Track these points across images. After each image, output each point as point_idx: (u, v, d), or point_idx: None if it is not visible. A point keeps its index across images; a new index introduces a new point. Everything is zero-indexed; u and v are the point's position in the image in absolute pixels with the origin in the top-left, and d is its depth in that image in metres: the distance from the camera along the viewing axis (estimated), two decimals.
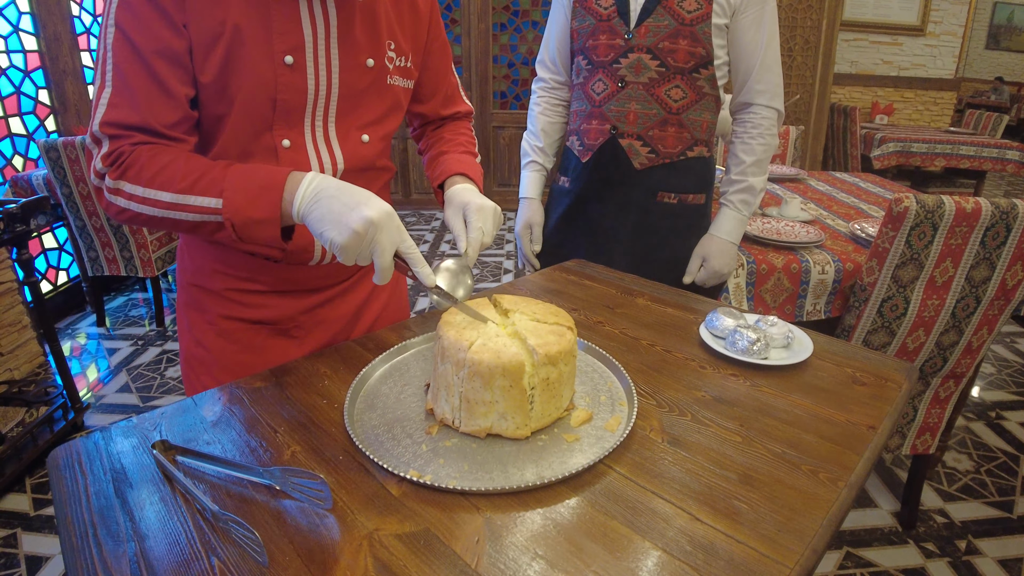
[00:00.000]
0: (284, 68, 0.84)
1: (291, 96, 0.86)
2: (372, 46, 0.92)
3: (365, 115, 0.95)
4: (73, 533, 0.60)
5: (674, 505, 0.63)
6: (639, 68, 1.38)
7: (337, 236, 0.72)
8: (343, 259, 0.74)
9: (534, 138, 1.63)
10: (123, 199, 0.78)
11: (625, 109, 1.42)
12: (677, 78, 1.38)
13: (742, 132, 1.44)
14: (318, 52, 0.86)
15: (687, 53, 1.35)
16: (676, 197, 1.47)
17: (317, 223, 0.74)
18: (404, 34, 0.97)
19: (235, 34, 0.79)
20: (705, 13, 1.32)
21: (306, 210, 0.75)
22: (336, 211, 0.73)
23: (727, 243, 1.46)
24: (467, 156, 1.10)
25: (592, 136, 1.48)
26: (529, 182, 1.63)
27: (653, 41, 1.35)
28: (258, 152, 0.87)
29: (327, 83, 0.88)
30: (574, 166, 1.54)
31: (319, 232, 0.74)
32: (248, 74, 0.82)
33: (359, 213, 0.72)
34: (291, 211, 0.76)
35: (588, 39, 1.43)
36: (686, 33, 1.34)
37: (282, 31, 0.82)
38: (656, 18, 1.34)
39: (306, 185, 0.76)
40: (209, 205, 0.76)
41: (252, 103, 0.83)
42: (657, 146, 1.43)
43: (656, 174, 1.45)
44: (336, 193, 0.75)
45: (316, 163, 0.91)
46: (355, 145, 0.95)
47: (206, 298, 0.99)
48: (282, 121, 0.87)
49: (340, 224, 0.72)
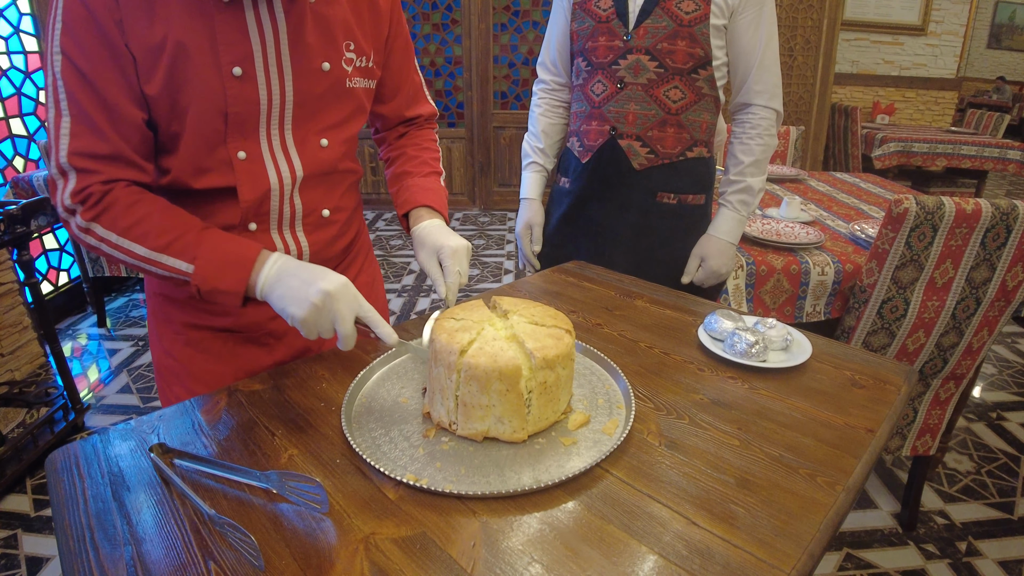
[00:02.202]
0: (233, 80, 0.82)
1: (242, 108, 0.84)
2: (327, 49, 0.90)
3: (324, 119, 0.93)
4: (70, 536, 0.60)
5: (671, 509, 0.63)
6: (638, 69, 1.38)
7: (297, 311, 0.75)
8: (305, 333, 0.77)
9: (535, 139, 1.63)
10: (94, 239, 0.79)
11: (624, 110, 1.42)
12: (676, 79, 1.38)
13: (740, 132, 1.44)
14: (268, 61, 0.84)
15: (686, 54, 1.35)
16: (676, 197, 1.47)
17: (279, 300, 0.78)
18: (364, 33, 0.95)
19: (178, 49, 0.78)
20: (703, 14, 1.32)
21: (268, 289, 0.79)
22: (295, 288, 0.77)
23: (725, 243, 1.46)
24: (432, 179, 1.09)
25: (592, 137, 1.48)
26: (530, 183, 1.64)
27: (652, 42, 1.36)
28: (214, 166, 0.86)
29: (280, 92, 0.86)
30: (574, 167, 1.54)
31: (280, 308, 0.78)
32: (196, 89, 0.80)
33: (316, 287, 0.75)
34: (255, 289, 0.79)
35: (587, 40, 1.43)
36: (684, 34, 1.34)
37: (228, 42, 0.80)
38: (655, 19, 1.34)
39: (270, 266, 0.80)
40: (180, 267, 0.79)
41: (203, 118, 0.82)
42: (656, 147, 1.43)
43: (655, 174, 1.46)
44: (295, 271, 0.79)
45: (274, 172, 0.90)
46: (314, 150, 0.93)
47: (172, 307, 0.98)
48: (236, 133, 0.85)
49: (299, 299, 0.76)
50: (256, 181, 0.89)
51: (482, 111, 5.09)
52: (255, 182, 0.89)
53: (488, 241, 4.51)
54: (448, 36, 4.93)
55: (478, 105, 5.07)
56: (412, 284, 3.68)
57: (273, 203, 0.92)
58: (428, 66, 5.01)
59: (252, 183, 0.88)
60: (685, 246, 1.52)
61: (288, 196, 0.93)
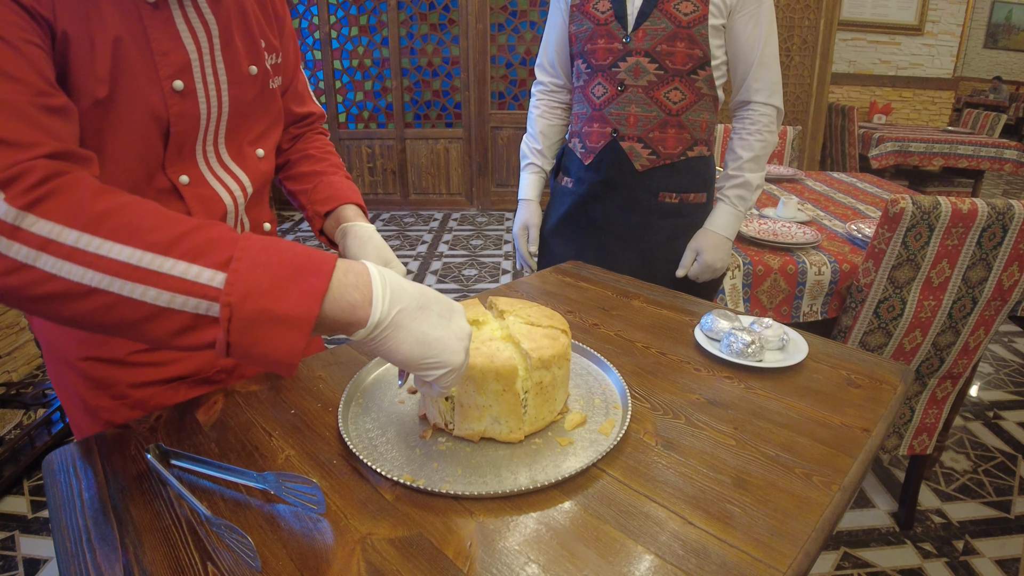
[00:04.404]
0: (175, 96, 0.71)
1: (184, 126, 0.74)
2: (251, 51, 0.82)
3: (254, 128, 0.86)
4: (67, 538, 0.60)
5: (667, 509, 0.63)
6: (638, 71, 1.39)
7: (453, 358, 0.55)
8: (444, 389, 0.57)
9: (533, 140, 1.63)
10: (25, 247, 0.48)
11: (625, 112, 1.42)
12: (676, 80, 1.38)
13: (740, 129, 1.44)
14: (205, 70, 0.75)
15: (685, 55, 1.35)
16: (678, 197, 1.48)
17: (420, 344, 0.54)
18: (270, 26, 0.87)
19: (117, 50, 0.65)
20: (702, 15, 1.32)
21: (398, 321, 0.53)
22: (436, 324, 0.55)
23: (721, 237, 1.46)
24: (351, 182, 1.01)
25: (594, 139, 1.48)
26: (528, 184, 1.64)
27: (651, 44, 1.36)
28: (155, 196, 0.73)
29: (217, 103, 0.77)
30: (576, 167, 1.55)
31: (422, 356, 0.54)
32: (134, 104, 0.68)
33: (457, 323, 0.57)
34: (365, 315, 0.52)
35: (586, 43, 1.43)
36: (683, 35, 1.34)
37: (163, 51, 0.69)
38: (653, 21, 1.34)
39: (381, 281, 0.54)
40: (200, 279, 0.49)
41: (141, 139, 0.70)
42: (658, 147, 1.44)
43: (657, 175, 1.46)
44: (426, 297, 0.57)
45: (225, 192, 0.81)
46: (255, 163, 0.85)
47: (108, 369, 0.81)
48: (174, 155, 0.75)
49: (452, 343, 0.56)
50: (210, 206, 0.79)
51: (479, 111, 5.09)
52: (209, 208, 0.79)
53: (486, 241, 4.51)
54: (445, 36, 4.93)
55: (475, 105, 5.07)
56: None
57: None
58: (425, 66, 5.01)
59: (206, 210, 0.79)
60: (687, 244, 1.53)
61: (239, 216, 0.85)
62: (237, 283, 0.49)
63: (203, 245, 0.50)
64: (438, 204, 5.41)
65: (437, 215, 5.24)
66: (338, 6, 4.86)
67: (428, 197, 5.39)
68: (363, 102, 5.13)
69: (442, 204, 5.41)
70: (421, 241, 4.53)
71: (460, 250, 4.31)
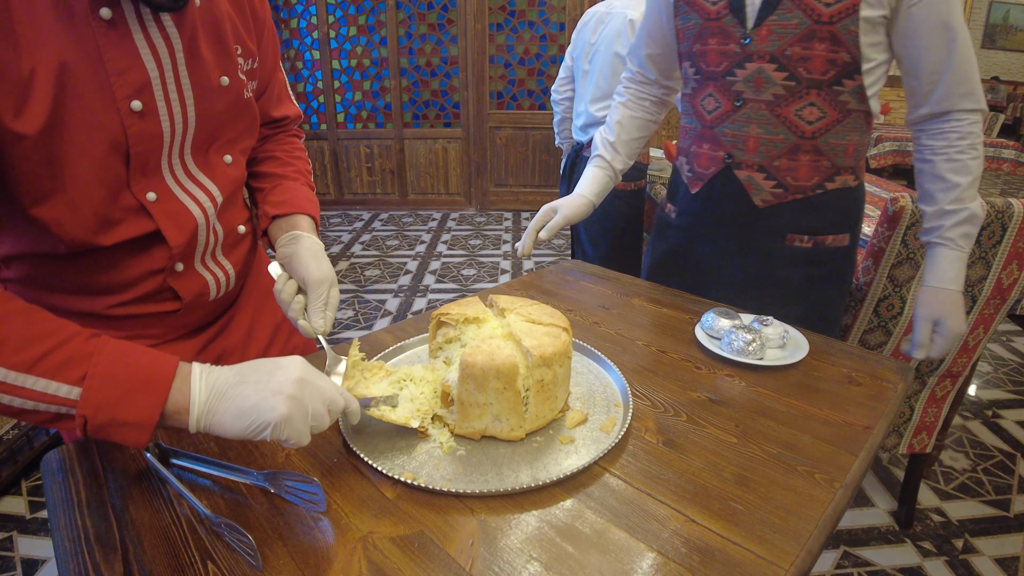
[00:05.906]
0: (132, 117, 0.69)
1: (145, 146, 0.72)
2: (222, 60, 0.79)
3: (224, 137, 0.84)
4: (67, 538, 0.60)
5: (669, 507, 0.63)
6: (760, 82, 1.07)
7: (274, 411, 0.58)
8: (293, 439, 0.60)
9: (607, 131, 1.34)
10: None
11: (743, 133, 1.12)
12: (812, 93, 1.06)
13: (945, 147, 1.06)
14: (167, 87, 0.72)
15: (825, 61, 1.02)
16: (811, 240, 1.17)
17: (237, 418, 0.59)
18: (247, 29, 0.84)
19: (61, 78, 0.62)
20: (850, 5, 0.98)
21: (212, 409, 0.60)
22: (251, 393, 0.60)
23: (956, 294, 1.07)
24: (311, 192, 1.00)
25: (703, 163, 1.20)
26: (587, 178, 1.31)
27: (778, 46, 1.04)
28: (122, 216, 0.73)
29: (183, 120, 0.75)
30: (682, 195, 1.28)
31: (245, 426, 0.59)
32: (87, 129, 0.66)
33: (279, 378, 0.60)
34: (186, 415, 0.59)
35: (694, 42, 1.14)
36: (824, 34, 1.00)
37: (119, 71, 0.67)
38: (782, 15, 1.02)
39: (200, 379, 0.60)
40: (57, 394, 0.56)
41: (100, 162, 0.68)
42: (785, 179, 1.12)
43: (784, 212, 1.15)
44: (239, 375, 0.62)
45: (194, 205, 0.79)
46: (223, 170, 0.84)
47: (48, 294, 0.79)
48: (138, 174, 0.73)
49: (268, 400, 0.59)
50: (180, 221, 0.78)
51: (478, 111, 5.09)
52: (180, 223, 0.78)
53: (484, 241, 4.50)
54: (444, 36, 4.93)
55: (474, 105, 5.07)
56: (408, 284, 3.67)
57: (200, 237, 0.82)
58: (424, 66, 5.01)
59: (177, 225, 0.78)
60: (824, 299, 1.24)
61: (211, 226, 0.84)
62: (90, 399, 0.56)
63: (62, 364, 0.57)
64: (437, 204, 5.41)
65: (436, 215, 5.24)
66: (336, 6, 4.86)
67: (427, 197, 5.39)
68: (361, 102, 5.13)
69: (441, 204, 5.41)
70: (420, 241, 4.52)
71: (459, 250, 4.31)
